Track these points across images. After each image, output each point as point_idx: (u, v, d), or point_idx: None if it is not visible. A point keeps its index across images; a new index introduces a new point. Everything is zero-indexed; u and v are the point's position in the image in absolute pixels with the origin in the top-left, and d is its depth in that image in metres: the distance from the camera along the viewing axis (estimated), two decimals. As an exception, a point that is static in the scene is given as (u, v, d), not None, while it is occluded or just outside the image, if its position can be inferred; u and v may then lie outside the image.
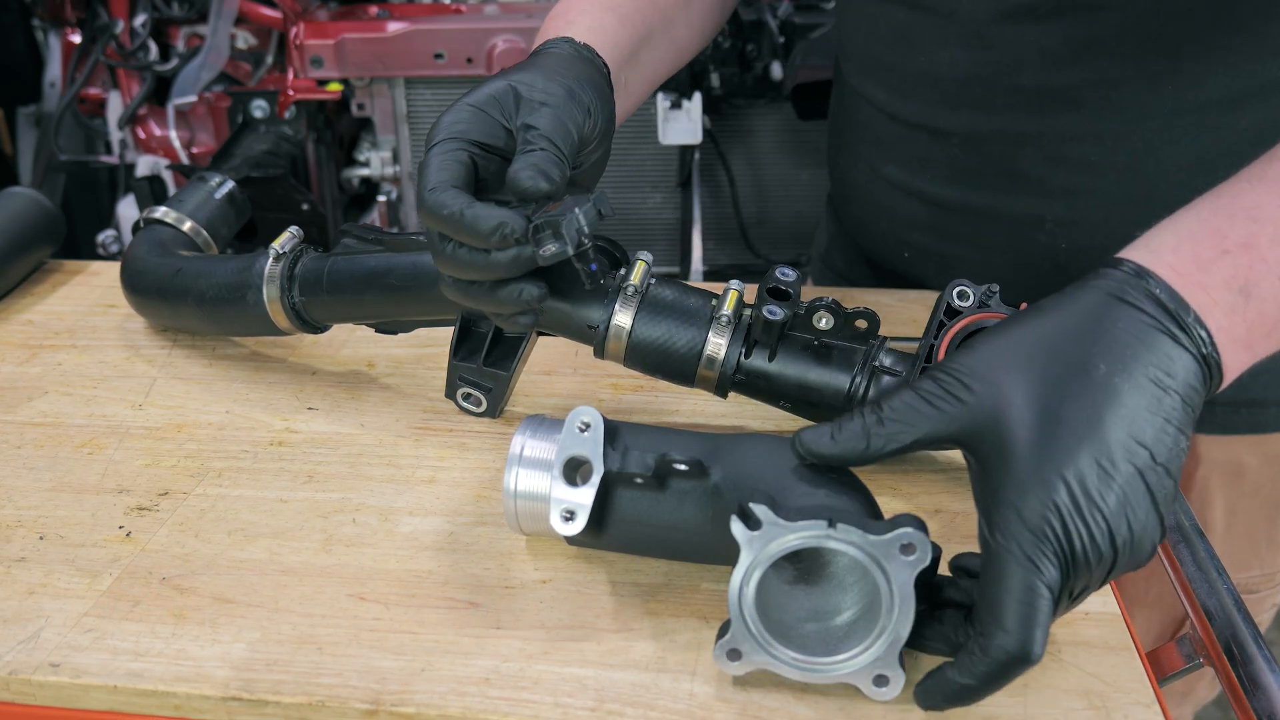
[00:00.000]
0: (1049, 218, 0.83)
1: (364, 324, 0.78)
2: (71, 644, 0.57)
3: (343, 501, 0.68)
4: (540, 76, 0.63)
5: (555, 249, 0.57)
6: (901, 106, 0.86)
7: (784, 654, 0.52)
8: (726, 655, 0.52)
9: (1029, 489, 0.47)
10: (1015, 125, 0.80)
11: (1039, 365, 0.49)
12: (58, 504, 0.68)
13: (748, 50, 1.99)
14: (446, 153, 0.60)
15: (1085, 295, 0.51)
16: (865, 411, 0.52)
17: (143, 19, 2.00)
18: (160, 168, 2.00)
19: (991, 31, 0.77)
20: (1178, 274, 0.50)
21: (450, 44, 1.91)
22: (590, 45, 0.70)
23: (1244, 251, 0.50)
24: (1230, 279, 0.50)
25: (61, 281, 0.96)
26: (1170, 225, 0.53)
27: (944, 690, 0.50)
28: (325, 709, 0.53)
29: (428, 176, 0.59)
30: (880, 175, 0.91)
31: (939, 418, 0.50)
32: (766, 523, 0.50)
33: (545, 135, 0.60)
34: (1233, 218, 0.51)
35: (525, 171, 0.58)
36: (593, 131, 0.64)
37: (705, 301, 0.66)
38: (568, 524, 0.56)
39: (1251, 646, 0.58)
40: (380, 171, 2.06)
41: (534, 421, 0.61)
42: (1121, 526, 0.47)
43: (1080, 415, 0.47)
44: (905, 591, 0.50)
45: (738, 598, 0.51)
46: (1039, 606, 0.47)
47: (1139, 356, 0.48)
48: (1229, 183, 0.54)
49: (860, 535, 0.49)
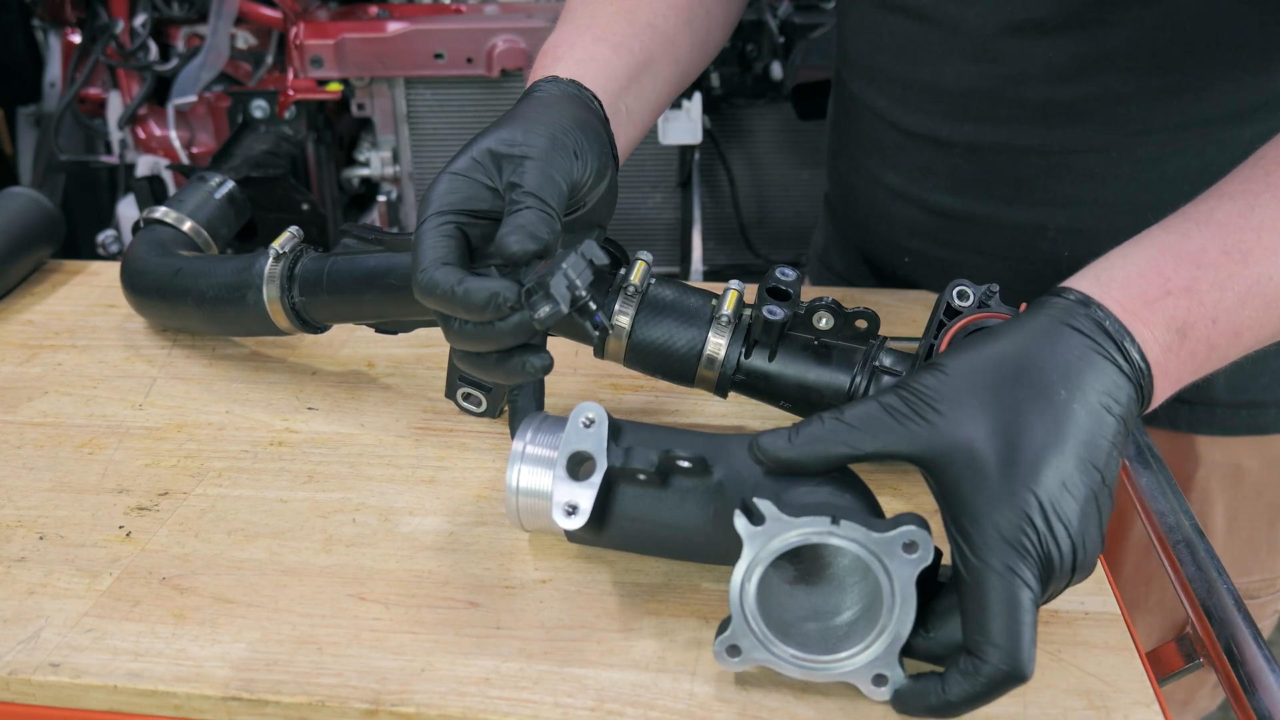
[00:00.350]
0: (1051, 227, 0.82)
1: (364, 324, 0.78)
2: (71, 644, 0.57)
3: (343, 501, 0.68)
4: (520, 130, 0.61)
5: (549, 310, 0.55)
6: (904, 116, 0.86)
7: (784, 651, 0.52)
8: (726, 651, 0.52)
9: (1004, 505, 0.48)
10: (1019, 137, 0.80)
11: (1003, 389, 0.51)
12: (58, 504, 0.68)
13: (748, 50, 1.99)
14: (434, 229, 0.58)
15: (1040, 321, 0.53)
16: (826, 417, 0.53)
17: (143, 19, 2.00)
18: (160, 168, 2.00)
19: (998, 45, 0.77)
20: (1124, 308, 0.53)
21: (450, 44, 1.91)
22: (577, 80, 0.67)
23: (1185, 294, 0.53)
24: (1170, 319, 0.53)
25: (61, 281, 0.96)
26: (1120, 260, 0.56)
27: (927, 702, 0.50)
28: (325, 709, 0.53)
29: (419, 257, 0.57)
30: (881, 182, 0.91)
31: (901, 434, 0.51)
32: (770, 518, 0.50)
33: (530, 192, 0.58)
34: (1178, 260, 0.54)
35: (512, 236, 0.56)
36: (584, 173, 0.62)
37: (705, 301, 0.66)
38: (570, 518, 0.56)
39: (1252, 647, 0.58)
40: (380, 171, 2.06)
41: (537, 419, 0.61)
42: (1082, 541, 0.49)
43: (1046, 438, 0.49)
44: (907, 590, 0.50)
45: (739, 594, 0.51)
46: (1024, 619, 0.48)
47: (1092, 383, 0.51)
48: (1178, 220, 0.57)
49: (863, 532, 0.49)
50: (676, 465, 0.55)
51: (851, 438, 0.52)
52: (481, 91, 1.96)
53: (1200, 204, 0.58)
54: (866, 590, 0.53)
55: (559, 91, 0.67)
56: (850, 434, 0.52)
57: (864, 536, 0.50)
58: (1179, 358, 0.53)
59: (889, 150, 0.89)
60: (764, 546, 0.50)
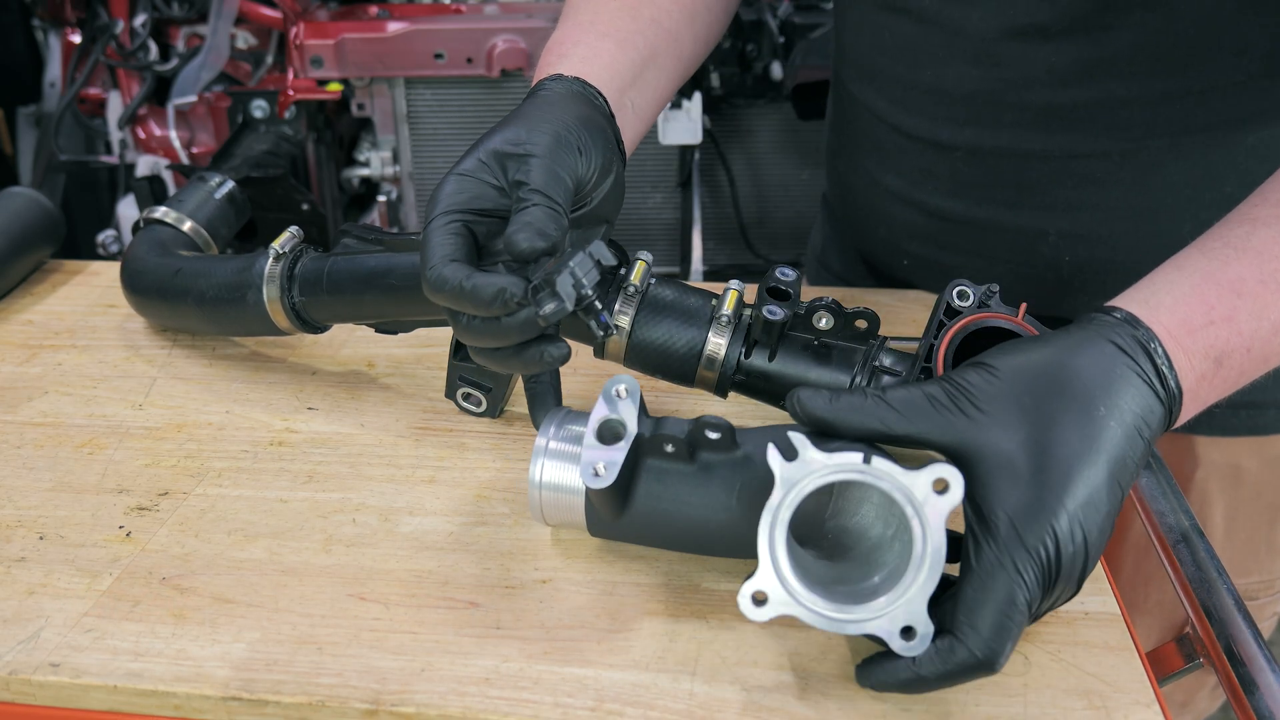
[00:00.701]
0: (1052, 231, 0.82)
1: (364, 324, 0.78)
2: (71, 644, 0.57)
3: (343, 501, 0.68)
4: (524, 128, 0.61)
5: (554, 307, 0.56)
6: (904, 118, 0.85)
7: (810, 601, 0.51)
8: (752, 599, 0.51)
9: (1032, 510, 0.49)
10: (1021, 141, 0.80)
11: (1045, 397, 0.52)
12: (58, 504, 0.68)
13: (748, 50, 1.99)
14: (441, 228, 0.59)
15: (1086, 335, 0.54)
16: (869, 391, 0.54)
17: (143, 19, 2.00)
18: (160, 168, 2.00)
19: (1000, 49, 0.77)
20: (1169, 334, 0.53)
21: (450, 44, 1.91)
22: (581, 78, 0.68)
23: (1225, 324, 0.54)
24: (1210, 348, 0.54)
25: (61, 281, 0.96)
26: (1165, 285, 0.56)
27: (896, 677, 0.51)
28: (325, 709, 0.53)
29: (427, 255, 0.58)
30: (880, 184, 0.91)
31: (938, 422, 0.52)
32: (803, 453, 0.50)
33: (537, 189, 0.58)
34: (1220, 289, 0.55)
35: (521, 233, 0.57)
36: (589, 170, 0.63)
37: (705, 301, 0.66)
38: (597, 479, 0.56)
39: (1252, 647, 0.58)
40: (380, 171, 2.06)
41: (560, 414, 0.62)
42: (1091, 559, 0.50)
43: (1081, 451, 0.50)
44: (937, 532, 0.50)
45: (769, 536, 0.51)
46: (1014, 619, 0.49)
47: (1129, 404, 0.52)
48: (1216, 244, 0.58)
49: (895, 469, 0.50)
50: (705, 436, 0.56)
51: (889, 416, 0.53)
52: (481, 91, 1.96)
53: (1235, 227, 0.58)
54: (894, 559, 0.53)
55: (564, 89, 0.67)
56: (888, 413, 0.53)
57: (896, 473, 0.50)
58: (1211, 385, 0.55)
59: (889, 152, 0.88)
60: (796, 483, 0.50)
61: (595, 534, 0.62)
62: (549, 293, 0.56)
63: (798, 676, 0.55)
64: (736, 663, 0.56)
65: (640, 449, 0.57)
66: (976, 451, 0.51)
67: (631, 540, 0.62)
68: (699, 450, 0.57)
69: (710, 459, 0.57)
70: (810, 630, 0.57)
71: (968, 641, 0.49)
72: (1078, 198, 0.80)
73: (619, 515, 0.59)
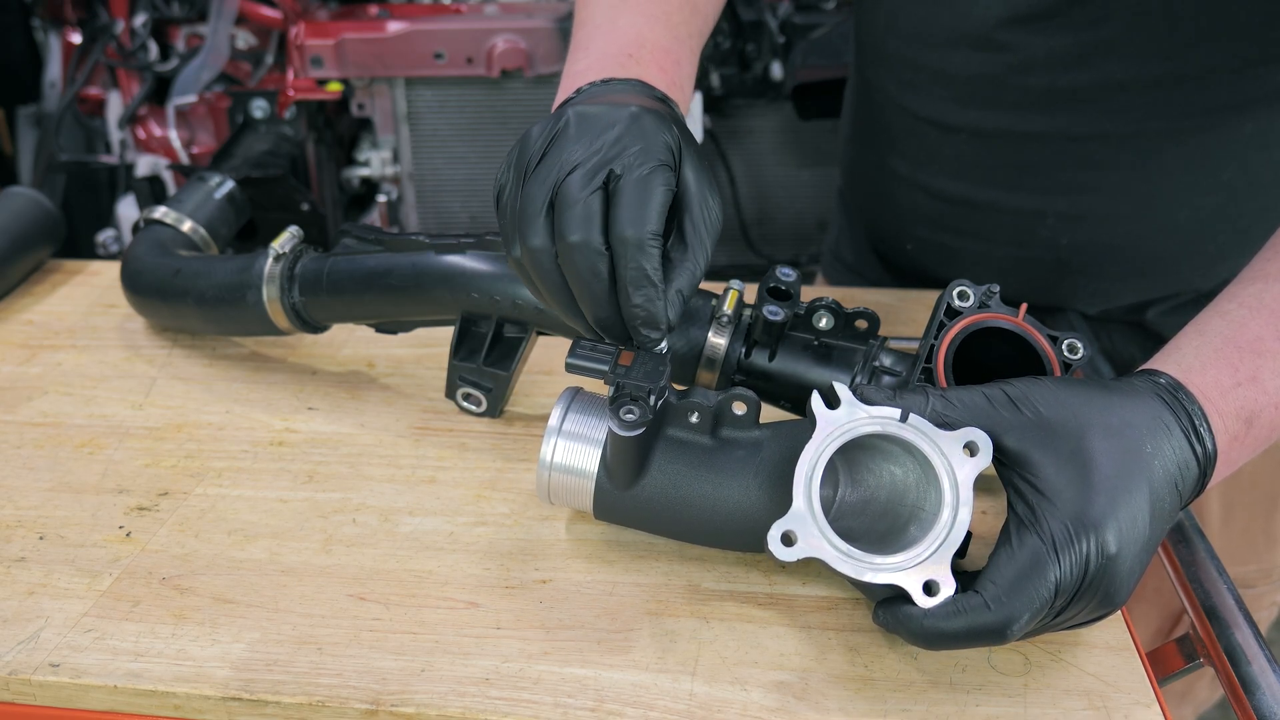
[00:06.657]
0: (1050, 213, 0.83)
1: (364, 324, 0.78)
2: (71, 644, 0.57)
3: (343, 501, 0.68)
4: (691, 168, 0.57)
5: (636, 417, 0.55)
6: (912, 99, 0.87)
7: (838, 543, 0.52)
8: (781, 539, 0.52)
9: (1079, 509, 0.50)
10: (1022, 123, 0.81)
11: (1095, 421, 0.52)
12: (58, 504, 0.68)
13: (748, 50, 1.99)
14: (661, 184, 0.55)
15: (1134, 388, 0.54)
16: (931, 390, 0.54)
17: (143, 19, 2.00)
18: (160, 168, 2.00)
19: (1002, 34, 0.78)
20: (1205, 397, 0.54)
21: (450, 44, 1.91)
22: (669, 100, 0.64)
23: (1252, 384, 0.55)
24: (1240, 409, 0.55)
25: (61, 281, 0.96)
26: (1191, 350, 0.57)
27: (910, 625, 0.51)
28: (325, 709, 0.53)
29: (645, 213, 0.54)
30: (887, 167, 0.92)
31: (995, 417, 0.52)
32: (845, 403, 0.52)
33: (689, 276, 0.57)
34: (1241, 351, 0.56)
35: (643, 327, 0.56)
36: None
37: (705, 301, 0.66)
38: (627, 425, 0.55)
39: (1252, 646, 0.58)
40: (380, 171, 2.06)
41: (569, 395, 0.62)
42: (1123, 582, 0.51)
43: (1128, 476, 0.51)
44: (966, 491, 0.51)
45: (807, 476, 0.52)
46: (1038, 590, 0.49)
47: (1171, 455, 0.52)
48: (1231, 305, 0.58)
49: (930, 428, 0.52)
50: (731, 411, 0.57)
51: (947, 410, 0.53)
52: (482, 91, 1.96)
53: (1247, 286, 0.59)
54: (915, 527, 0.53)
55: (670, 114, 0.61)
56: (947, 407, 0.53)
57: (931, 431, 0.52)
58: (1242, 445, 0.55)
59: (897, 134, 0.90)
60: (835, 431, 0.52)
61: (600, 517, 0.61)
62: (630, 401, 0.55)
63: (798, 676, 0.55)
64: (736, 663, 0.56)
65: (664, 415, 0.58)
66: (1029, 450, 0.52)
67: (637, 524, 0.62)
68: (721, 426, 0.58)
69: (730, 435, 0.58)
70: (810, 630, 0.57)
71: (985, 594, 0.50)
72: (1077, 180, 0.81)
73: (631, 484, 0.59)
